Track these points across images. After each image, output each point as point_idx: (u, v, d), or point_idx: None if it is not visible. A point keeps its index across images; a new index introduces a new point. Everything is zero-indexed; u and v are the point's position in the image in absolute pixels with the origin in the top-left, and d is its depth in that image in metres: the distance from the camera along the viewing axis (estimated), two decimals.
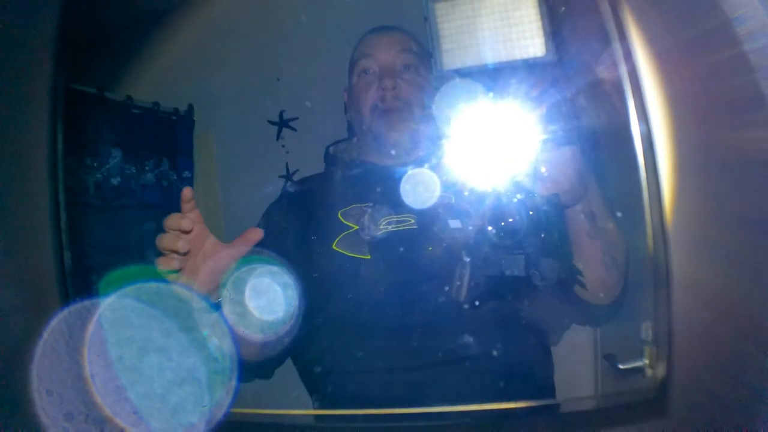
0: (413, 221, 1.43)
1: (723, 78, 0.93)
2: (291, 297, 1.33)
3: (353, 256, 1.44)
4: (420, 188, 1.30)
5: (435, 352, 1.33)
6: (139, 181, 2.19)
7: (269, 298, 1.32)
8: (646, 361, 0.95)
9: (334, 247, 1.46)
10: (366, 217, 1.47)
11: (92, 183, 2.02)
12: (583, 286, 1.27)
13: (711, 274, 0.88)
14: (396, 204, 1.41)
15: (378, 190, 1.50)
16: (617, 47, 0.94)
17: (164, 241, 1.22)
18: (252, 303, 1.29)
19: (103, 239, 2.02)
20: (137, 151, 2.19)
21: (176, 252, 1.20)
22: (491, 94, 1.08)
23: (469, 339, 1.31)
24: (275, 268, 1.33)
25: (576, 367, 1.74)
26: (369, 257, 1.43)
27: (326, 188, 1.63)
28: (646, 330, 0.96)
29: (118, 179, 2.12)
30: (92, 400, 1.04)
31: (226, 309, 1.29)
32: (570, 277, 1.25)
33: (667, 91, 0.94)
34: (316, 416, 1.42)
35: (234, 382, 1.21)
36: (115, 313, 1.12)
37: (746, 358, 0.85)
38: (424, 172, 1.30)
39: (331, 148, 1.71)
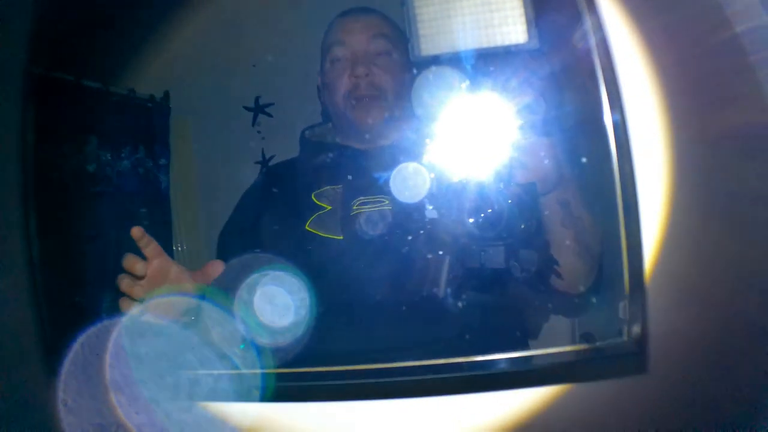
0: (387, 202, 1.42)
1: (713, 68, 0.96)
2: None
3: (326, 236, 1.44)
4: (395, 174, 1.28)
5: (407, 332, 1.33)
6: (114, 168, 2.16)
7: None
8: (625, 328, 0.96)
9: (307, 227, 1.46)
10: (339, 197, 1.47)
11: (67, 170, 2.00)
12: (559, 276, 1.27)
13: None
14: (370, 186, 1.42)
15: (351, 172, 1.50)
16: (600, 35, 0.95)
17: (123, 284, 1.28)
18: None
19: (77, 226, 2.00)
20: (113, 137, 2.17)
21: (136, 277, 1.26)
22: (469, 82, 1.07)
23: (444, 320, 1.31)
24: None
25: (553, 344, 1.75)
26: (341, 237, 1.43)
27: (301, 171, 1.62)
28: (624, 309, 0.97)
29: (94, 166, 2.10)
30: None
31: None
32: (547, 268, 1.25)
33: (653, 81, 0.96)
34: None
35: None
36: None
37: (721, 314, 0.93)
38: (399, 158, 1.29)
39: (307, 132, 1.70)
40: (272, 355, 1.33)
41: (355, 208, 1.44)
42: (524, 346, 1.45)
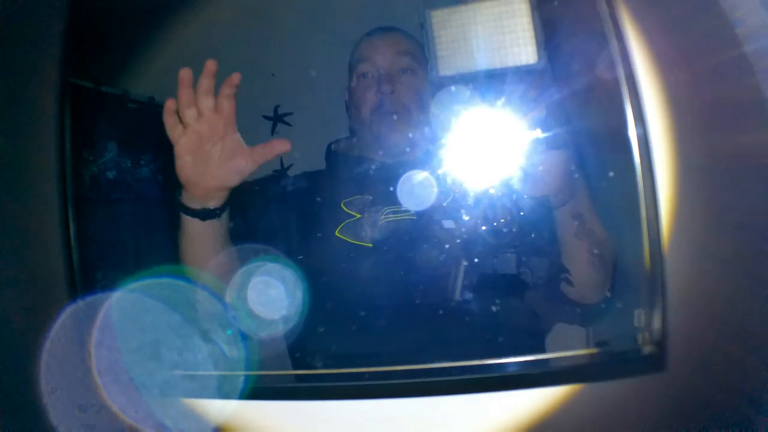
0: (412, 213, 1.48)
1: (723, 80, 0.99)
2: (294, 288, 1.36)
3: (355, 243, 1.49)
4: (418, 186, 1.34)
5: (431, 335, 1.38)
6: (134, 175, 2.20)
7: (271, 295, 1.35)
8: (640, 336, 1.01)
9: (337, 234, 1.52)
10: (369, 207, 1.53)
11: (88, 177, 2.04)
12: (570, 284, 1.31)
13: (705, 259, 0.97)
14: (396, 197, 1.46)
15: (379, 183, 1.55)
16: (614, 50, 1.00)
17: (183, 97, 1.24)
18: (255, 300, 1.33)
19: (98, 232, 2.04)
20: (133, 145, 2.21)
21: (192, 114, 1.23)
22: (485, 100, 1.12)
23: (463, 322, 1.35)
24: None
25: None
26: (371, 245, 1.48)
27: (328, 181, 1.68)
28: (639, 317, 1.01)
29: (114, 173, 2.14)
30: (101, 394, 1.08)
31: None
32: (558, 276, 1.29)
33: (664, 94, 0.99)
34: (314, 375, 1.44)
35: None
36: (122, 308, 1.15)
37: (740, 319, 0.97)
38: (422, 171, 1.34)
39: (333, 146, 1.76)
40: (303, 356, 1.37)
41: (383, 217, 1.50)
42: (540, 350, 1.49)
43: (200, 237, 1.34)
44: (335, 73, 1.76)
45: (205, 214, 1.31)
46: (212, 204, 1.31)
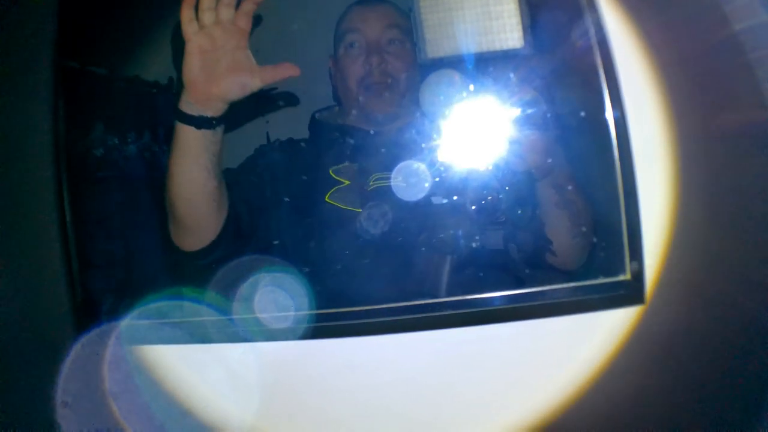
0: (399, 179, 1.49)
1: (712, 61, 1.03)
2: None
3: (346, 209, 1.52)
4: (405, 151, 1.38)
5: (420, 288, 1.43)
6: (121, 152, 2.21)
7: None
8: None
9: (327, 199, 1.54)
10: (356, 174, 1.55)
11: (74, 155, 2.04)
12: (553, 254, 1.36)
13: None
14: (384, 164, 1.50)
15: (367, 150, 1.58)
16: (598, 35, 1.04)
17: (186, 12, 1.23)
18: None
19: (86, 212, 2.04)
20: (119, 123, 2.21)
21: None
22: (471, 81, 1.15)
23: (453, 283, 1.39)
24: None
25: None
26: (360, 210, 1.51)
27: (315, 148, 1.69)
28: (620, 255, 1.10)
29: (101, 151, 2.14)
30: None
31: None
32: (542, 247, 1.34)
33: (650, 74, 1.03)
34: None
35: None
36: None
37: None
38: (408, 140, 1.38)
39: (317, 114, 1.76)
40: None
41: (372, 183, 1.53)
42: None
43: (192, 148, 1.32)
44: (320, 47, 1.76)
45: (200, 122, 1.30)
46: (209, 112, 1.30)
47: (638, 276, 1.07)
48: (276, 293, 1.31)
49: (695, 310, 1.09)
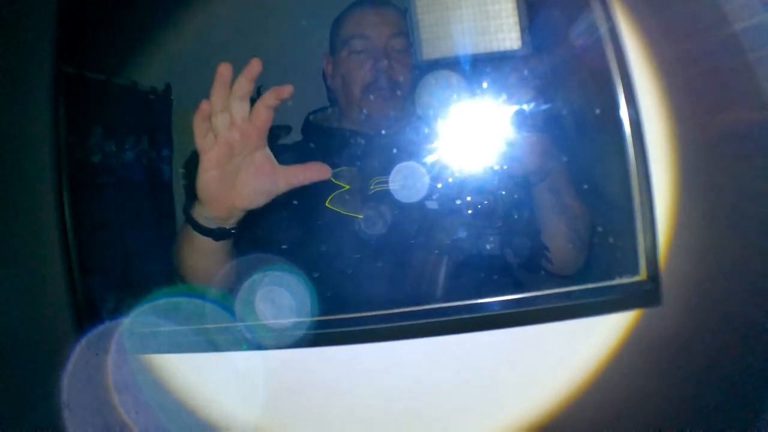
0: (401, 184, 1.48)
1: (712, 60, 1.04)
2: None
3: (347, 214, 1.50)
4: (404, 155, 1.36)
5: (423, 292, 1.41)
6: (118, 159, 2.21)
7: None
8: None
9: (327, 205, 1.51)
10: (356, 178, 1.53)
11: (74, 159, 2.04)
12: (549, 261, 1.36)
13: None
14: (384, 167, 1.47)
15: (366, 154, 1.57)
16: (600, 36, 1.04)
17: (219, 98, 1.08)
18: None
19: (83, 216, 2.04)
20: (117, 129, 2.21)
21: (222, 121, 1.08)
22: (467, 83, 1.15)
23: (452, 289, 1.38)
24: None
25: None
26: (362, 216, 1.49)
27: (311, 152, 1.64)
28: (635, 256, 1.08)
29: (98, 157, 2.15)
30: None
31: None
32: (538, 253, 1.34)
33: (653, 77, 1.04)
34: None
35: None
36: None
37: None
38: (408, 144, 1.37)
39: (311, 117, 1.74)
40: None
41: (372, 187, 1.52)
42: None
43: (208, 254, 1.24)
44: (318, 52, 1.76)
45: (219, 234, 1.21)
46: (229, 224, 1.20)
47: (654, 276, 1.05)
48: (277, 299, 1.29)
49: (695, 311, 1.09)
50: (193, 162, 1.15)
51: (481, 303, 1.08)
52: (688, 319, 1.07)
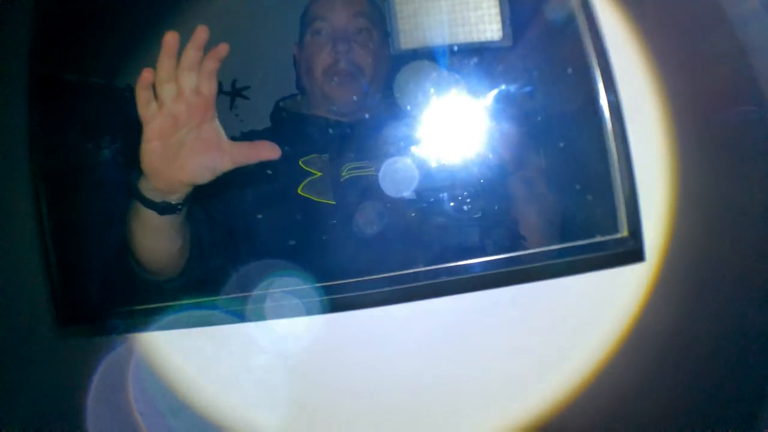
0: (372, 168, 1.47)
1: (715, 68, 1.05)
2: None
3: (319, 201, 1.48)
4: (376, 142, 1.36)
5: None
6: (95, 157, 2.19)
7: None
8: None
9: (299, 192, 1.49)
10: (326, 164, 1.51)
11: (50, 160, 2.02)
12: (524, 248, 1.37)
13: None
14: (356, 154, 1.47)
15: (337, 141, 1.54)
16: (582, 31, 1.04)
17: (164, 68, 1.01)
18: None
19: (61, 215, 2.02)
20: (93, 128, 2.19)
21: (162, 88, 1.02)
22: (446, 74, 1.15)
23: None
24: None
25: None
26: (334, 203, 1.47)
27: (281, 139, 1.57)
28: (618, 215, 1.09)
29: (75, 156, 2.12)
30: None
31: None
32: (515, 241, 1.36)
33: (653, 79, 1.05)
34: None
35: None
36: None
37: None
38: (376, 129, 1.38)
39: (281, 103, 1.71)
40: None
41: (344, 173, 1.50)
42: None
43: (155, 229, 1.19)
44: (290, 42, 1.74)
45: (164, 209, 1.16)
46: (174, 198, 1.15)
47: (635, 233, 1.05)
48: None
49: (695, 309, 1.10)
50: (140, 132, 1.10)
51: (463, 264, 1.07)
52: (687, 316, 1.09)
